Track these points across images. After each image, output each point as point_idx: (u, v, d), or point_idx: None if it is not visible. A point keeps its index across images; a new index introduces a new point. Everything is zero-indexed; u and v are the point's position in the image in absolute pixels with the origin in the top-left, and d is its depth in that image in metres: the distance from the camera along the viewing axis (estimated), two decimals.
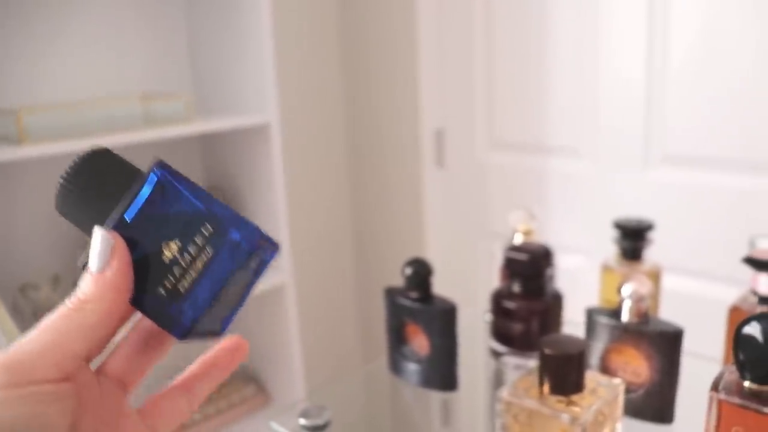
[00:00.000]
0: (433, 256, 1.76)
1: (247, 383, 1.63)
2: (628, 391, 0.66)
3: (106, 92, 1.45)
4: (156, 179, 0.33)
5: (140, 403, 0.37)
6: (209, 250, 0.33)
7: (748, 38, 1.18)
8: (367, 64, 1.82)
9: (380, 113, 1.82)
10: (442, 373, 0.73)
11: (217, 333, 0.36)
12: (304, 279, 1.83)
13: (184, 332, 0.33)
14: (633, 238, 0.78)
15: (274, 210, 1.46)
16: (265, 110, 1.41)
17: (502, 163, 1.61)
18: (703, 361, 0.75)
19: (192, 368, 0.38)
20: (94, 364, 0.35)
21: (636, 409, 0.67)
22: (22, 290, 1.31)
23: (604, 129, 1.40)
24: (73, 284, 1.13)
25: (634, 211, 1.35)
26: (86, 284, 0.32)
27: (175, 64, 1.55)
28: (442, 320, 0.72)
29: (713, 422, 0.54)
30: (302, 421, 0.68)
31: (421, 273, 0.73)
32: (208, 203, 0.33)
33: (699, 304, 1.25)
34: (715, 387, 0.54)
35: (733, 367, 0.54)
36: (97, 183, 0.34)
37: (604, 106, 1.39)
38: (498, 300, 0.76)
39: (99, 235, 0.32)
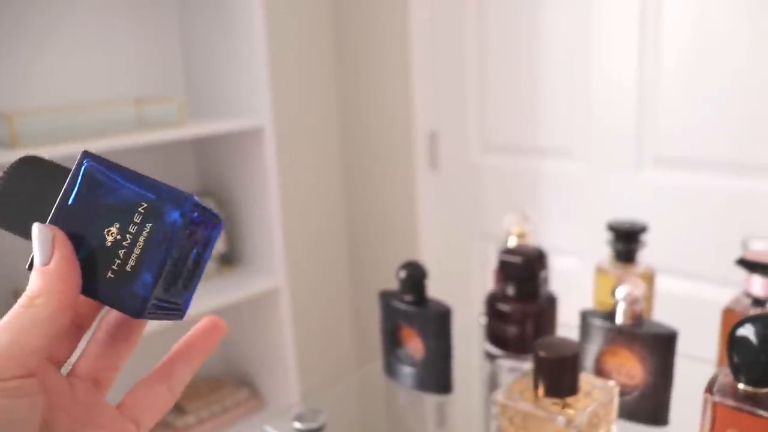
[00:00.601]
0: (427, 258, 1.76)
1: (240, 387, 1.63)
2: (622, 393, 0.66)
3: (100, 96, 1.44)
4: (84, 169, 0.34)
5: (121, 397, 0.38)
6: (147, 226, 0.33)
7: (739, 40, 1.18)
8: (360, 68, 1.82)
9: (373, 116, 1.82)
10: (437, 376, 0.73)
11: (179, 310, 0.36)
12: (298, 282, 1.83)
13: (138, 310, 0.33)
14: (627, 241, 0.79)
15: (267, 213, 1.46)
16: (258, 114, 1.41)
17: (496, 165, 1.62)
18: (698, 363, 0.76)
19: (170, 354, 0.38)
20: (64, 369, 0.35)
21: (630, 411, 0.67)
22: (15, 295, 1.31)
23: (596, 131, 1.40)
24: None
25: (627, 213, 1.36)
26: (33, 280, 0.32)
27: (168, 67, 1.55)
28: (437, 323, 0.72)
29: (708, 425, 0.54)
30: (297, 425, 0.68)
31: (415, 276, 0.73)
32: (139, 183, 0.34)
33: (692, 306, 1.25)
34: (709, 389, 0.54)
35: (728, 370, 0.54)
36: (29, 188, 0.35)
37: (597, 108, 1.39)
38: (492, 303, 0.76)
39: (38, 230, 0.33)
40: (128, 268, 0.33)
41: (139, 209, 0.34)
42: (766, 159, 1.20)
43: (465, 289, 1.73)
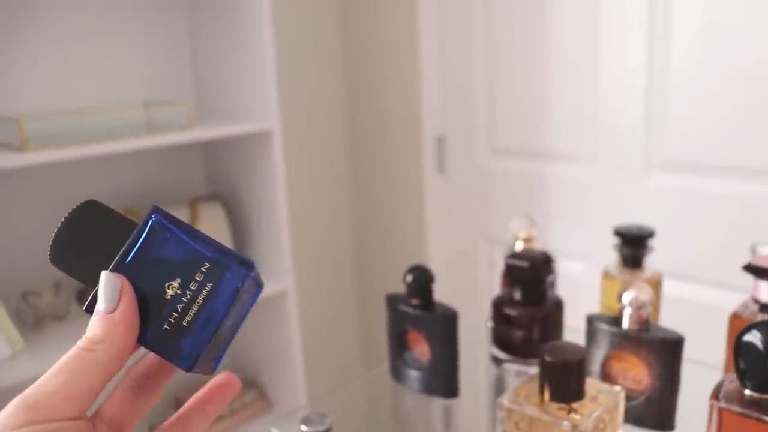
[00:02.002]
0: (434, 262, 1.77)
1: (248, 389, 1.63)
2: (628, 398, 0.66)
3: (109, 100, 1.45)
4: (151, 222, 0.36)
5: None
6: (209, 284, 0.35)
7: (748, 45, 1.18)
8: (369, 72, 1.82)
9: (381, 120, 1.82)
10: (444, 379, 0.74)
11: (210, 370, 0.38)
12: (305, 285, 1.83)
13: (190, 364, 0.35)
14: (634, 246, 0.79)
15: (275, 216, 1.47)
16: (266, 117, 1.41)
17: (503, 169, 1.62)
18: (704, 368, 0.76)
19: (186, 406, 0.40)
20: (90, 410, 0.36)
21: (636, 416, 0.67)
22: (23, 297, 1.32)
23: (604, 135, 1.40)
24: (75, 291, 1.13)
25: (634, 217, 1.36)
26: (96, 325, 0.34)
27: (177, 71, 1.56)
28: (444, 327, 0.72)
29: (714, 430, 0.54)
30: (304, 428, 0.68)
31: (422, 280, 0.73)
32: (204, 242, 0.36)
33: (699, 311, 1.25)
34: (715, 395, 0.54)
35: (734, 376, 0.54)
36: (90, 233, 0.36)
37: (605, 112, 1.39)
38: (499, 307, 0.77)
39: (106, 278, 0.34)
40: (185, 323, 0.35)
41: (202, 268, 0.35)
42: None
43: (472, 293, 1.73)
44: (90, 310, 0.35)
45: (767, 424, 0.51)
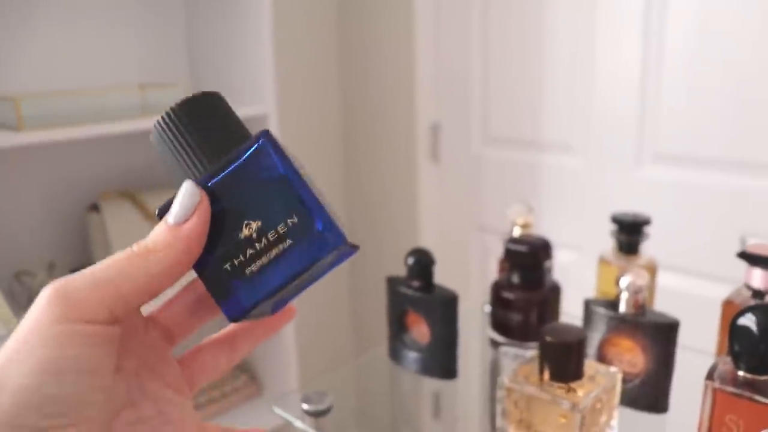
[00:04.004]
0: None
1: (239, 373, 1.64)
2: (623, 381, 0.68)
3: (105, 82, 1.45)
4: (258, 146, 0.32)
5: (181, 352, 0.37)
6: (288, 241, 0.31)
7: (743, 37, 1.20)
8: (364, 58, 1.82)
9: (376, 107, 1.83)
10: (442, 361, 0.75)
11: (267, 315, 0.35)
12: None
13: (236, 316, 0.32)
14: (630, 232, 0.80)
15: None
16: (262, 101, 1.41)
17: (497, 158, 1.63)
18: (696, 354, 0.77)
19: (237, 325, 0.38)
20: (146, 310, 0.35)
21: (631, 398, 0.68)
22: (17, 277, 1.32)
23: (597, 126, 1.42)
24: (68, 271, 1.14)
25: (625, 209, 1.37)
26: (157, 233, 0.31)
27: (172, 54, 1.55)
28: (444, 309, 0.73)
29: (708, 410, 0.56)
30: (305, 406, 0.69)
31: (422, 262, 0.74)
32: (303, 190, 0.31)
33: (690, 302, 1.27)
34: (710, 376, 0.55)
35: (728, 358, 0.55)
36: (199, 125, 0.32)
37: (598, 103, 1.40)
38: (497, 291, 0.78)
39: (187, 189, 0.31)
40: (247, 272, 0.31)
41: (288, 219, 0.31)
42: (766, 156, 1.21)
43: (464, 281, 1.74)
44: (162, 214, 0.32)
45: (760, 404, 0.52)
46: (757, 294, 0.68)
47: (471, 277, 1.74)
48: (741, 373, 0.54)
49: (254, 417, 1.50)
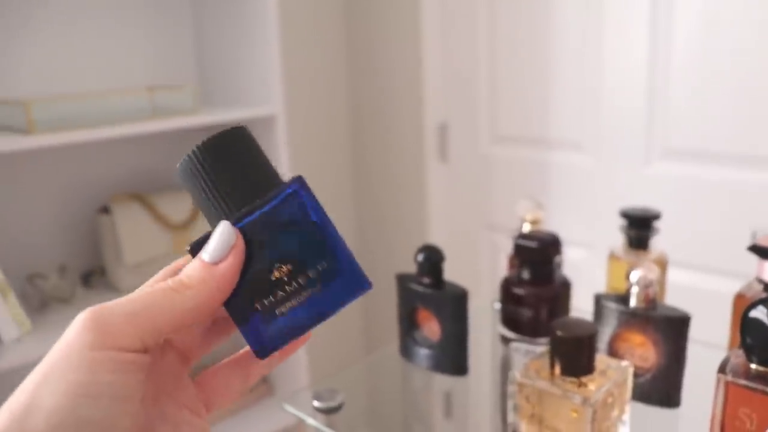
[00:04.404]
0: None
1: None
2: (635, 375, 0.68)
3: (113, 84, 1.46)
4: (294, 191, 0.33)
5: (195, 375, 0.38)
6: (318, 285, 0.32)
7: (751, 33, 1.19)
8: (372, 58, 1.83)
9: (384, 107, 1.83)
10: (453, 357, 0.75)
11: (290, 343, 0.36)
12: None
13: (265, 353, 0.33)
14: (640, 227, 0.80)
15: None
16: (270, 102, 1.42)
17: (505, 157, 1.63)
18: (708, 348, 0.77)
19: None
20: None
21: (643, 393, 0.68)
22: (29, 279, 1.32)
23: (606, 123, 1.41)
24: (80, 274, 1.14)
25: (635, 205, 1.37)
26: (194, 270, 0.32)
27: (181, 56, 1.56)
28: (454, 306, 0.73)
29: (720, 404, 0.55)
30: (316, 403, 0.69)
31: (432, 259, 0.74)
32: (333, 236, 0.33)
33: (701, 297, 1.27)
34: (722, 369, 0.55)
35: (740, 351, 0.55)
36: (231, 164, 0.33)
37: (607, 100, 1.40)
38: (507, 287, 0.78)
39: (224, 228, 0.32)
40: (277, 312, 0.33)
41: (317, 264, 0.32)
42: None
43: (474, 280, 1.74)
44: (195, 250, 0.33)
45: None
46: None
47: (480, 276, 1.73)
48: (753, 366, 0.53)
49: (266, 416, 1.51)
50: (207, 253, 0.32)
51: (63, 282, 1.34)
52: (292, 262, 0.32)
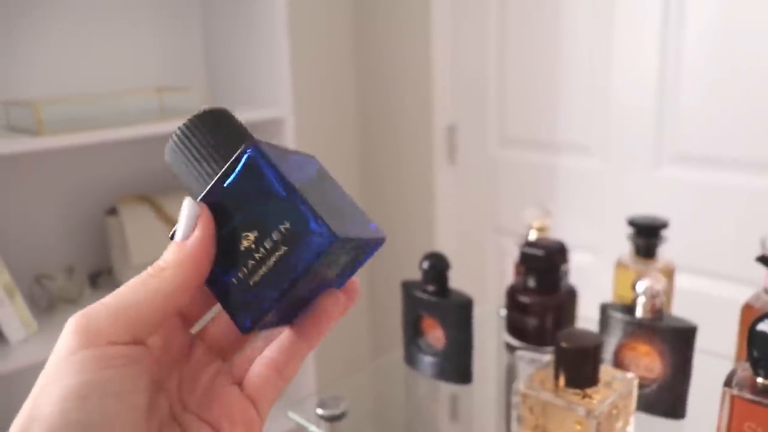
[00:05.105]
0: (443, 251, 1.77)
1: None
2: (640, 386, 0.67)
3: (123, 85, 1.46)
4: (246, 157, 0.32)
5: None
6: (283, 247, 0.31)
7: (761, 36, 1.18)
8: (381, 61, 1.82)
9: (393, 109, 1.83)
10: (458, 365, 0.74)
11: (288, 322, 0.35)
12: None
13: (245, 327, 0.32)
14: (647, 236, 0.79)
15: None
16: (279, 104, 1.42)
17: (513, 160, 1.62)
18: (715, 358, 0.76)
19: (287, 334, 0.36)
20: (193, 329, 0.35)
21: (648, 404, 0.68)
22: (37, 280, 1.33)
23: (615, 127, 1.41)
24: (87, 275, 1.14)
25: (644, 210, 1.36)
26: (168, 252, 0.32)
27: (190, 58, 1.56)
28: (459, 314, 0.73)
29: (726, 418, 0.55)
30: (320, 411, 0.69)
31: (438, 267, 0.74)
32: (292, 193, 0.31)
33: (709, 303, 1.26)
34: (728, 383, 0.54)
35: (747, 364, 0.54)
36: (205, 142, 0.33)
37: (616, 104, 1.39)
38: (513, 295, 0.77)
39: (187, 205, 0.32)
40: (251, 282, 0.32)
41: (280, 225, 0.31)
42: None
43: (481, 283, 1.73)
44: (172, 236, 0.32)
45: None
46: None
47: (488, 279, 1.73)
48: (760, 379, 0.53)
49: (271, 422, 1.51)
50: (179, 233, 0.32)
51: (70, 283, 1.34)
52: (258, 228, 0.32)
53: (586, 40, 1.42)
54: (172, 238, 0.32)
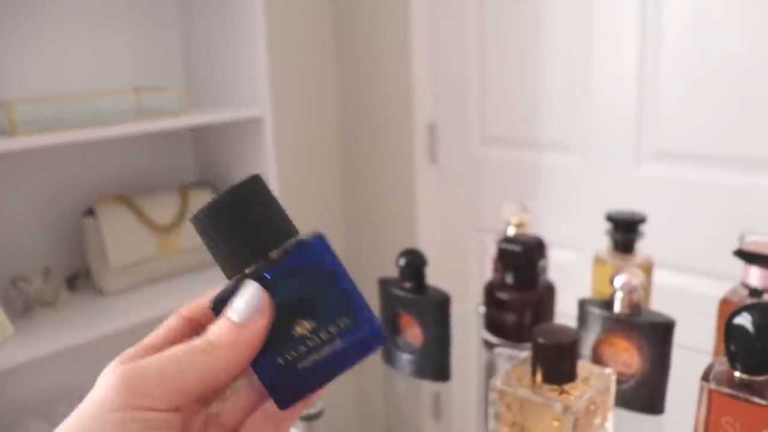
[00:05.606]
0: (425, 249, 1.76)
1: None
2: (618, 381, 0.67)
3: (99, 85, 1.44)
4: (314, 246, 0.33)
5: None
6: (338, 342, 0.33)
7: (739, 36, 1.19)
8: (361, 59, 1.82)
9: (373, 108, 1.82)
10: (435, 363, 0.74)
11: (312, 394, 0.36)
12: None
13: (287, 406, 0.34)
14: (625, 231, 0.79)
15: None
16: (258, 104, 1.41)
17: (494, 158, 1.62)
18: (693, 353, 0.76)
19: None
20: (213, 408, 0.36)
21: (626, 399, 0.67)
22: (13, 282, 1.31)
23: (595, 125, 1.41)
24: (64, 277, 1.12)
25: (624, 207, 1.36)
26: (223, 330, 0.32)
27: (168, 57, 1.55)
28: (436, 311, 0.72)
29: (703, 412, 0.54)
30: None
31: (414, 264, 0.73)
32: (353, 292, 0.33)
33: (688, 300, 1.26)
34: (705, 377, 0.54)
35: (724, 359, 0.54)
36: (247, 215, 0.33)
37: (596, 102, 1.39)
38: (491, 291, 0.77)
39: (253, 289, 0.32)
40: (299, 367, 0.33)
41: (338, 321, 0.33)
42: (764, 154, 1.20)
43: (463, 282, 1.73)
44: (218, 307, 0.33)
45: (756, 405, 0.51)
46: (754, 292, 0.67)
47: (470, 278, 1.73)
48: (737, 373, 0.53)
49: None
50: (236, 314, 0.32)
51: (47, 285, 1.32)
52: (315, 317, 0.33)
53: (566, 39, 1.42)
54: (215, 309, 0.33)
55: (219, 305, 0.33)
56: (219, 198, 0.33)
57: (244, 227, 0.33)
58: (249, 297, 0.32)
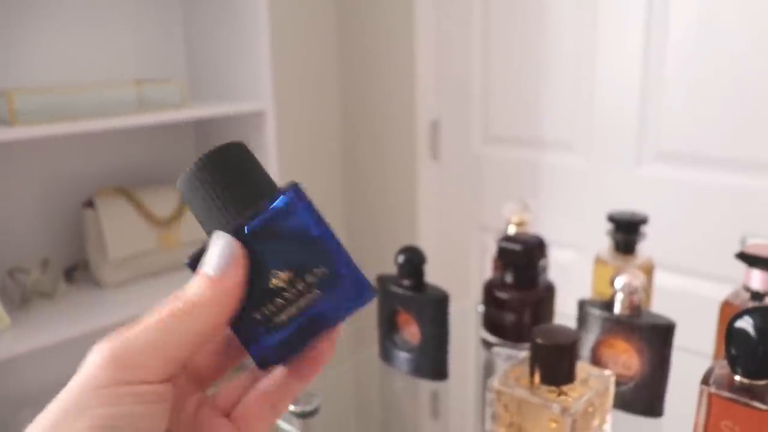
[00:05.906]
0: (426, 247, 1.75)
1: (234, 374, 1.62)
2: (618, 383, 0.66)
3: (101, 77, 1.44)
4: (289, 199, 0.32)
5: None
6: (317, 291, 0.32)
7: (745, 35, 1.18)
8: (364, 55, 1.81)
9: (376, 104, 1.81)
10: (433, 361, 0.73)
11: (293, 358, 0.35)
12: None
13: (265, 364, 0.33)
14: (627, 231, 0.78)
15: None
16: (260, 97, 1.40)
17: (497, 157, 1.61)
18: (693, 356, 0.75)
19: (282, 371, 0.36)
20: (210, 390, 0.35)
21: (625, 402, 0.67)
22: (10, 274, 1.30)
23: (598, 124, 1.40)
24: (62, 269, 1.11)
25: (626, 207, 1.36)
26: (201, 287, 0.31)
27: (169, 49, 1.54)
28: (434, 309, 0.71)
29: (703, 416, 0.54)
30: (292, 408, 0.67)
31: (413, 261, 0.73)
32: (331, 242, 0.32)
33: (689, 301, 1.25)
34: (705, 381, 0.54)
35: (724, 362, 0.54)
36: (225, 177, 0.32)
37: (599, 101, 1.39)
38: (490, 290, 0.76)
39: (224, 241, 0.31)
40: (277, 321, 0.32)
41: (316, 270, 0.32)
42: (766, 156, 1.19)
43: (463, 280, 1.73)
44: (194, 264, 0.32)
45: (756, 409, 0.51)
46: (756, 296, 0.67)
47: (471, 277, 1.72)
48: (738, 377, 0.52)
49: None
50: (211, 268, 0.31)
51: (45, 277, 1.32)
52: (291, 268, 0.31)
53: (570, 38, 1.41)
54: (191, 267, 0.32)
55: (194, 263, 0.32)
56: (199, 161, 0.32)
57: (225, 187, 0.32)
58: (220, 249, 0.31)
